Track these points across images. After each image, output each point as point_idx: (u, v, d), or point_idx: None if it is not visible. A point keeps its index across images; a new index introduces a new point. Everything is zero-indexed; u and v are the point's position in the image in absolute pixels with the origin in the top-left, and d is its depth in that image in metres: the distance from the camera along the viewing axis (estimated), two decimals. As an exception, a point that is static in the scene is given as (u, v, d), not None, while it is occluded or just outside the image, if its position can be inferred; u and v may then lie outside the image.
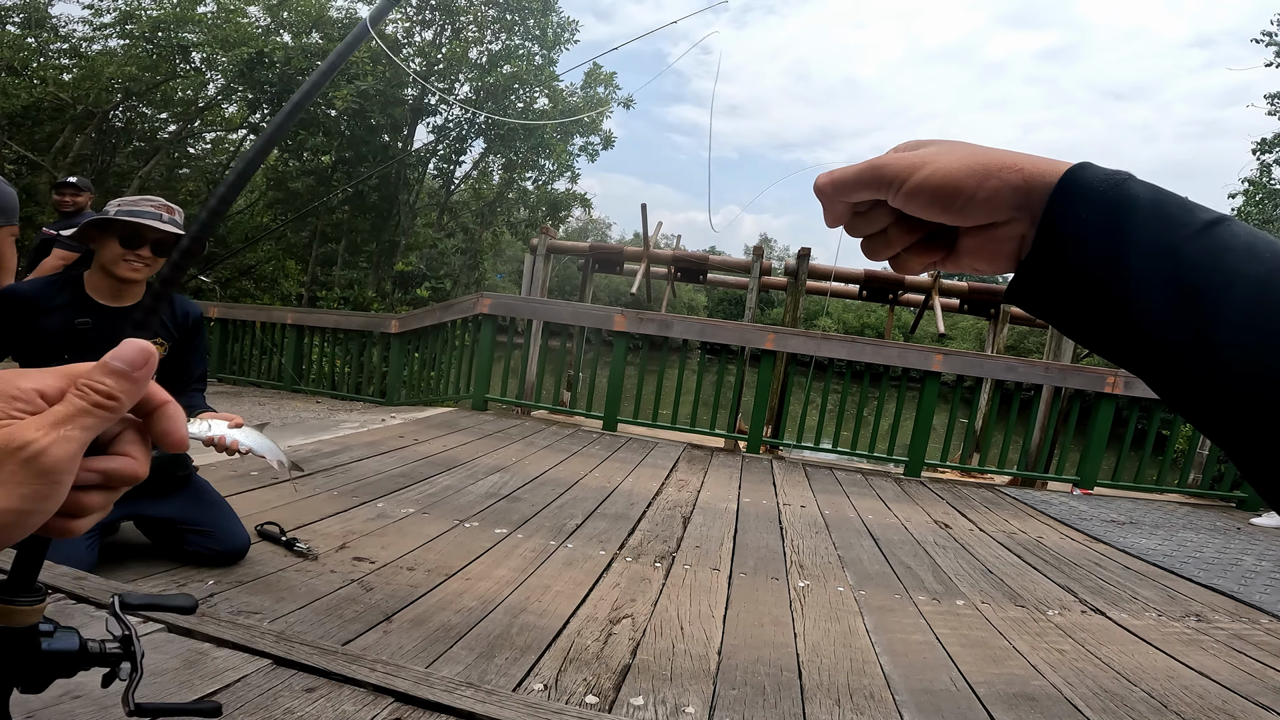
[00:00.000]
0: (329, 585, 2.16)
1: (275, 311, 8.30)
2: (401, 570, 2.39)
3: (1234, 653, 2.34)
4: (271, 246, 16.41)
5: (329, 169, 15.68)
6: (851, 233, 0.47)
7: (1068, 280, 0.37)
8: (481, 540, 2.77)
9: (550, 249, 10.09)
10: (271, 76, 14.38)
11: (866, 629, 2.31)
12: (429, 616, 2.05)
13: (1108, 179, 0.36)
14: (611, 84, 18.45)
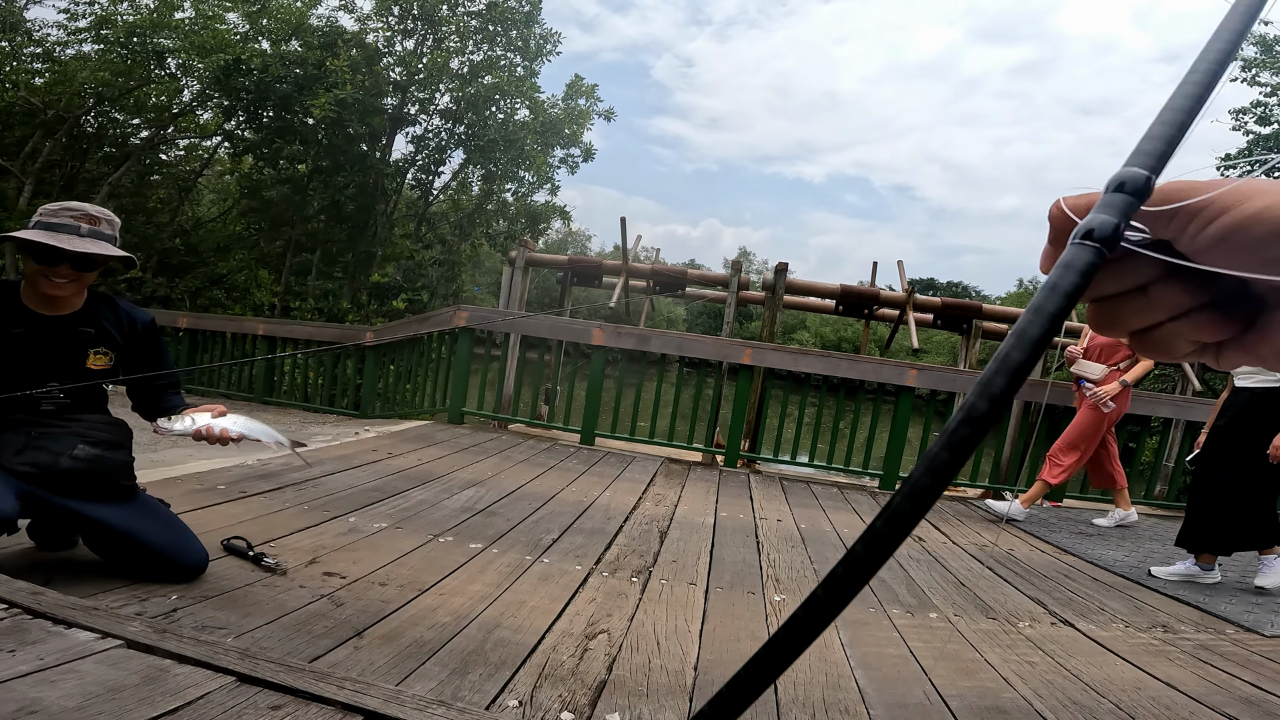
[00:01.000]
0: (298, 600, 2.12)
1: (247, 322, 8.17)
2: (373, 585, 2.34)
3: (1200, 663, 2.38)
4: (244, 255, 16.18)
5: (305, 178, 15.54)
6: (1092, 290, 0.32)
7: None
8: (456, 555, 2.74)
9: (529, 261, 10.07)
10: (248, 84, 14.25)
11: (842, 643, 2.31)
12: (401, 632, 2.01)
13: None
14: (593, 96, 18.55)
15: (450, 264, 18.65)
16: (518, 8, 17.11)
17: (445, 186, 18.81)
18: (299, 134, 14.98)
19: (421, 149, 17.35)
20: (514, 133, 16.66)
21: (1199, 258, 0.30)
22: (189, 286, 14.75)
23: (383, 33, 16.34)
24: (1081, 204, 0.31)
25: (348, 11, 16.72)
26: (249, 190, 16.22)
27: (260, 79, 14.11)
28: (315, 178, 15.40)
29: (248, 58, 13.94)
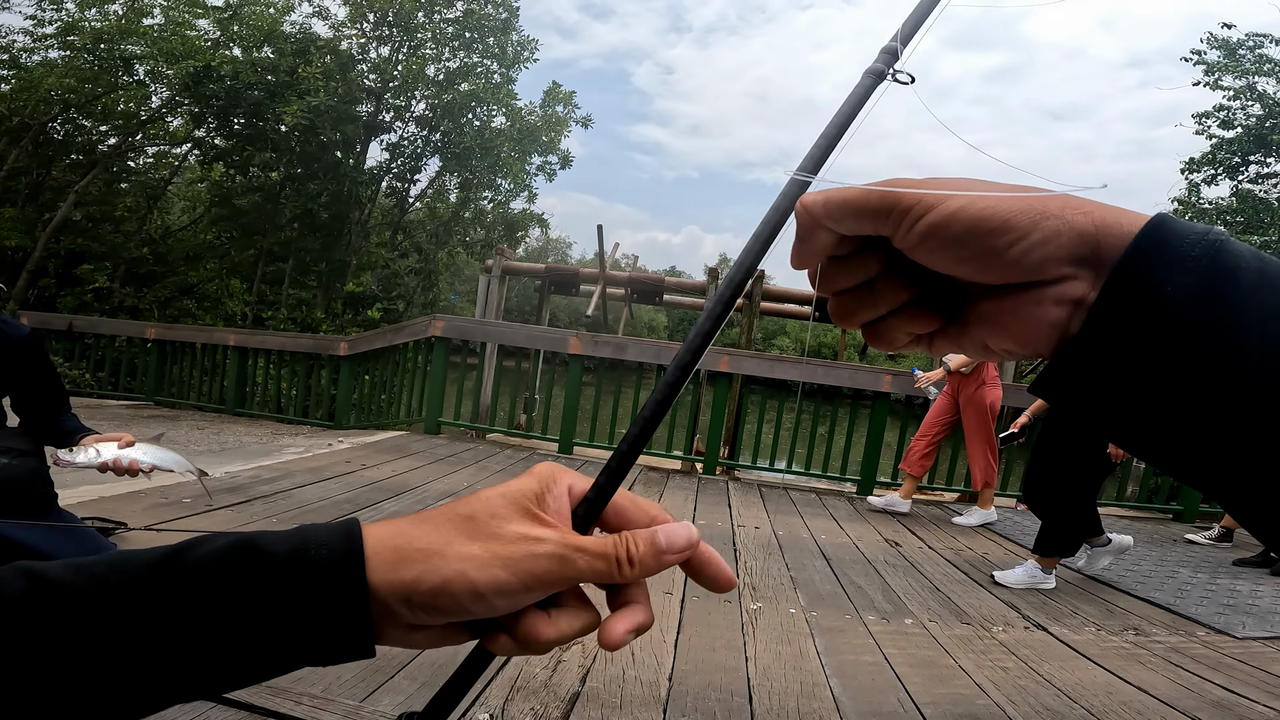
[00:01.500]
0: None
1: (217, 333, 8.03)
2: None
3: (1172, 666, 2.41)
4: (215, 265, 15.92)
5: (277, 186, 15.34)
6: (823, 283, 0.36)
7: (1151, 366, 0.27)
8: None
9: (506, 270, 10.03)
10: (219, 90, 14.05)
11: (817, 651, 2.31)
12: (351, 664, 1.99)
13: (1202, 237, 0.28)
14: (571, 103, 18.56)
15: (427, 273, 18.51)
16: (495, 14, 17.09)
17: (421, 194, 18.68)
18: (271, 141, 14.79)
19: (397, 156, 17.22)
20: (491, 140, 16.62)
21: (911, 254, 0.32)
22: (158, 296, 14.47)
23: (356, 39, 16.21)
24: (833, 198, 0.34)
25: (321, 18, 16.59)
26: (220, 198, 15.96)
27: (231, 86, 13.93)
28: (288, 185, 15.21)
29: (218, 64, 13.75)
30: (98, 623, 0.31)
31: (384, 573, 0.33)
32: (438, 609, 0.33)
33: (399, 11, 15.69)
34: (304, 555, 0.33)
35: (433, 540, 0.34)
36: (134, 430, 1.91)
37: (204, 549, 0.33)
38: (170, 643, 0.32)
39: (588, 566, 0.35)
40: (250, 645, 0.32)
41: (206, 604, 0.32)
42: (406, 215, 18.85)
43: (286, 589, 0.32)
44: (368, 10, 16.13)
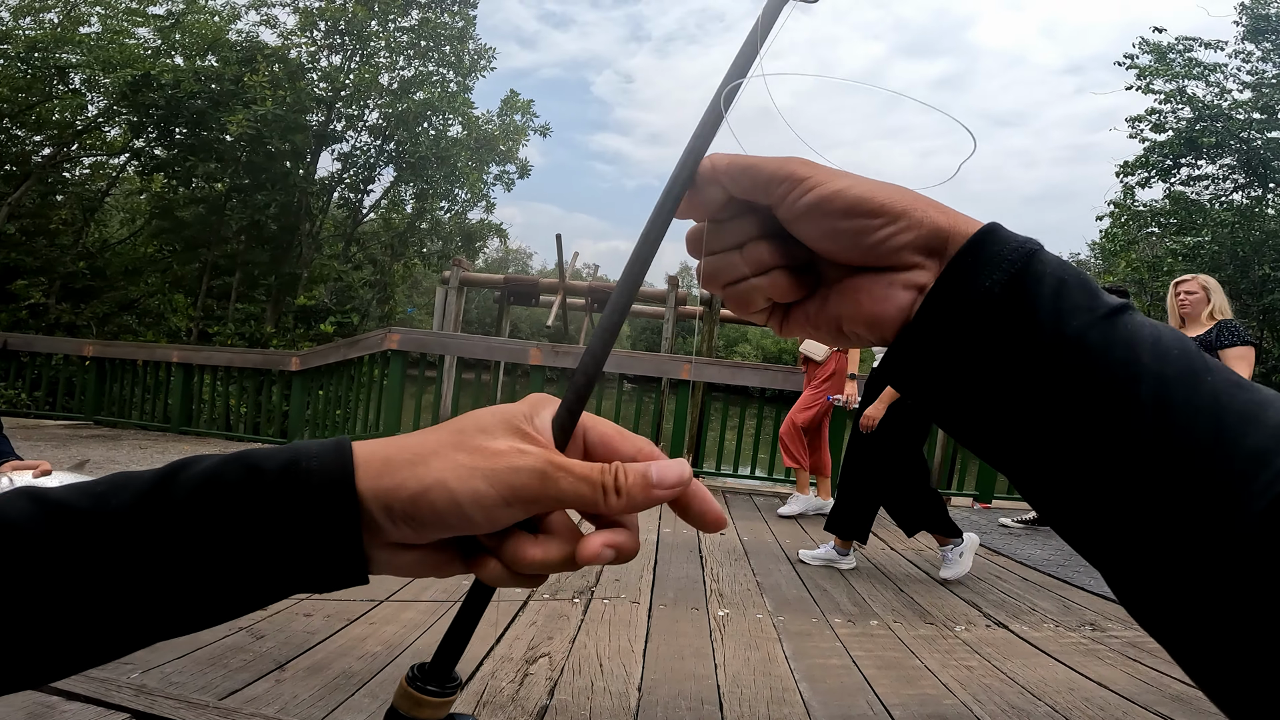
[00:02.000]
0: (212, 634, 2.03)
1: (159, 349, 7.74)
2: (297, 616, 2.26)
3: (1129, 661, 2.46)
4: (157, 279, 15.34)
5: (222, 197, 14.87)
6: (703, 245, 0.38)
7: (956, 354, 0.32)
8: (388, 583, 2.65)
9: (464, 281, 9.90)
10: (158, 99, 13.60)
11: (786, 656, 2.30)
12: (327, 663, 1.94)
13: (1019, 245, 0.32)
14: (529, 112, 18.45)
15: (382, 285, 18.14)
16: (451, 23, 16.93)
17: (375, 205, 18.33)
18: (215, 151, 14.35)
19: (349, 166, 16.87)
20: (447, 149, 16.39)
21: (790, 224, 0.36)
22: (96, 312, 13.87)
23: (306, 48, 15.88)
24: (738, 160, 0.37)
25: (269, 26, 16.20)
26: (161, 210, 15.35)
27: (172, 95, 13.49)
28: (233, 197, 14.75)
29: (158, 73, 13.31)
30: (101, 546, 0.31)
31: (370, 480, 0.33)
32: (416, 520, 0.33)
33: (351, 20, 15.42)
34: (295, 467, 0.33)
35: (419, 450, 0.34)
36: (72, 450, 1.82)
37: (199, 465, 0.33)
38: (168, 565, 0.31)
39: (570, 488, 0.33)
40: (245, 564, 0.32)
41: (201, 520, 0.32)
42: (360, 226, 18.46)
43: (278, 500, 0.32)
44: (318, 19, 15.82)
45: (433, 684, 0.39)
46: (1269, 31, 12.47)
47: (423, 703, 0.39)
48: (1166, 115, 13.60)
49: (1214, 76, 13.14)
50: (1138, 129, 13.96)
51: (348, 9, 15.33)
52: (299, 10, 15.93)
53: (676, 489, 0.36)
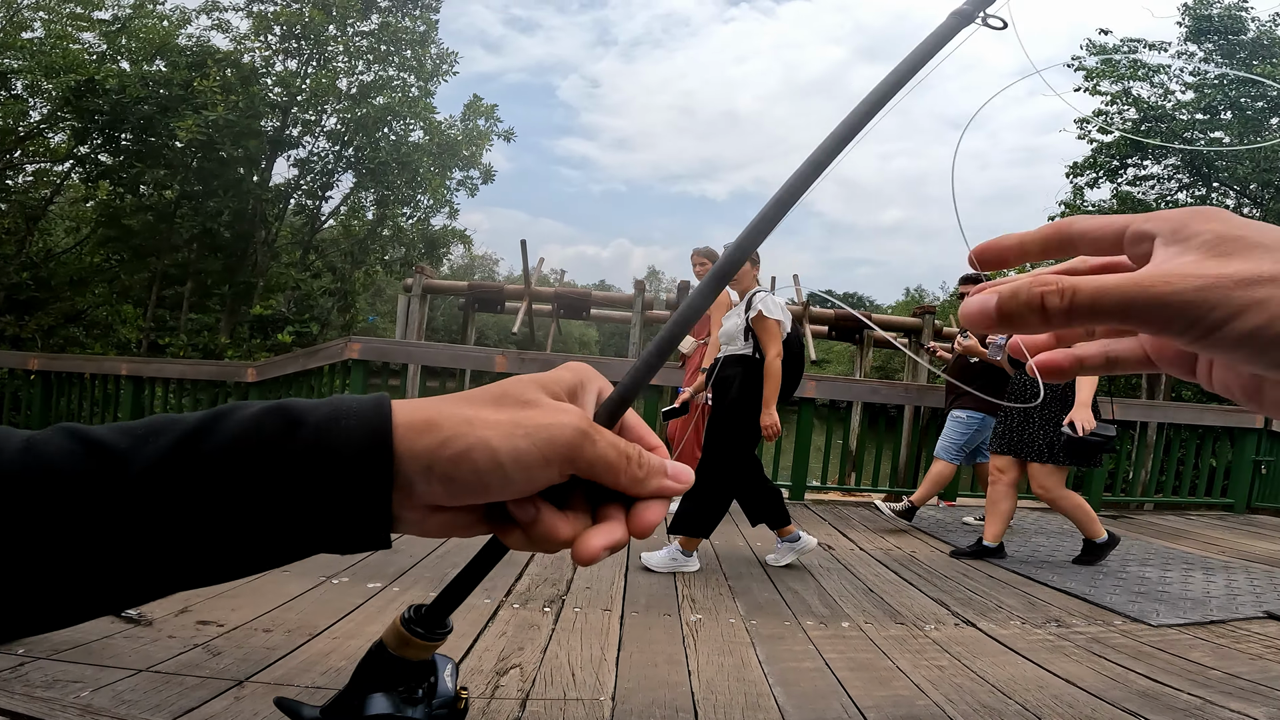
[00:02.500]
0: (166, 651, 1.97)
1: (108, 362, 7.47)
2: (256, 632, 2.19)
3: (1094, 657, 2.49)
4: (105, 289, 14.80)
5: (171, 204, 14.42)
6: None
7: None
8: (352, 596, 2.59)
9: (426, 288, 9.76)
10: (103, 105, 13.15)
11: (759, 660, 2.29)
12: (290, 679, 1.89)
13: None
14: (492, 116, 18.28)
15: (343, 293, 17.76)
16: (413, 27, 16.71)
17: (335, 211, 17.96)
18: (164, 157, 13.92)
19: (306, 172, 16.51)
20: (408, 154, 16.15)
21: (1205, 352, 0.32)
22: (41, 324, 13.32)
23: (260, 52, 15.51)
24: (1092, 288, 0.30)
25: (221, 31, 15.81)
26: (107, 218, 14.82)
27: (117, 100, 13.06)
28: (183, 204, 14.32)
29: (102, 78, 12.88)
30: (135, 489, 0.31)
31: (411, 439, 0.33)
32: (457, 480, 0.33)
33: (308, 24, 15.12)
34: (334, 424, 0.33)
35: (462, 410, 0.34)
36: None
37: (239, 414, 0.33)
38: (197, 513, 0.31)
39: (602, 451, 0.35)
40: (274, 519, 0.32)
41: (235, 472, 0.32)
42: (319, 233, 18.08)
43: (313, 458, 0.32)
44: (273, 23, 15.48)
45: (421, 627, 0.41)
46: (1210, 32, 12.82)
47: (409, 643, 0.41)
48: (1113, 116, 13.91)
49: (1158, 78, 13.48)
50: (1085, 130, 14.24)
51: (304, 14, 15.04)
52: (253, 15, 15.58)
53: (680, 487, 0.38)
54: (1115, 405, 6.20)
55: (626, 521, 0.37)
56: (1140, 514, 6.29)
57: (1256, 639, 2.75)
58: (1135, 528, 5.38)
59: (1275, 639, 2.76)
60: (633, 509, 0.37)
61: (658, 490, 0.37)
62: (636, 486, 0.36)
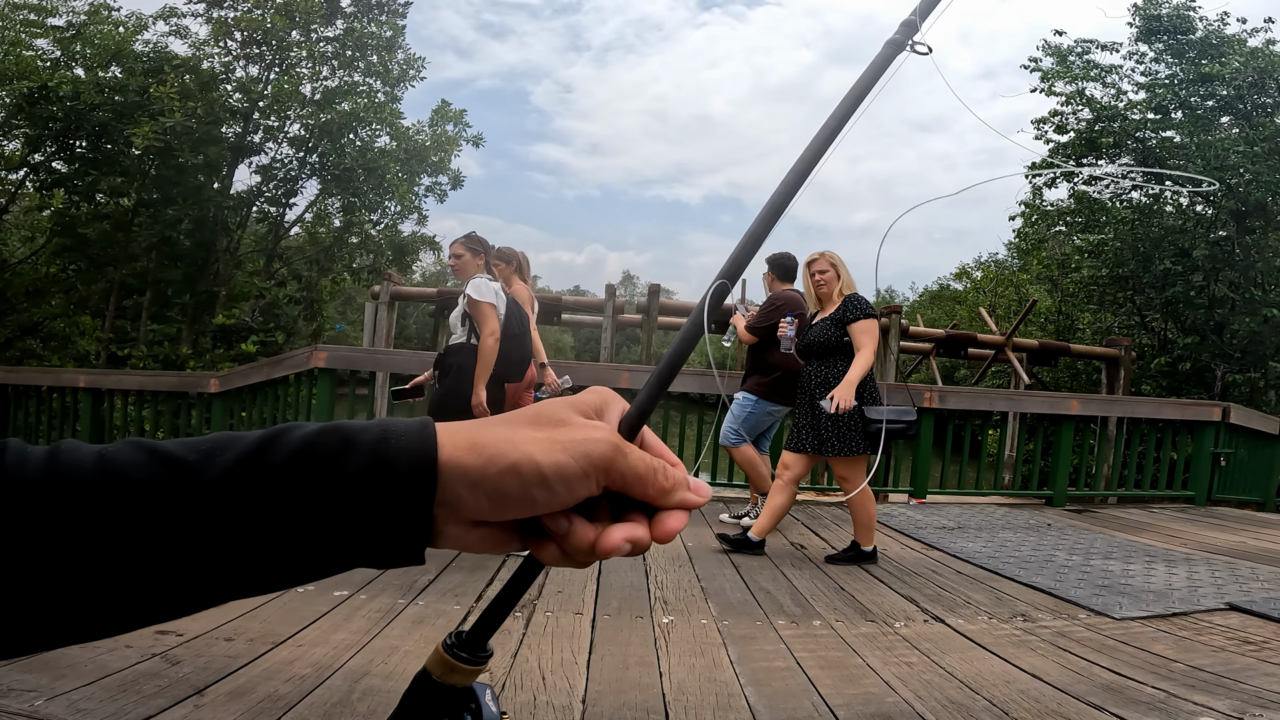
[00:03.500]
0: (122, 661, 1.93)
1: (65, 374, 7.24)
2: (217, 641, 2.15)
3: (1060, 651, 2.52)
4: (62, 300, 14.38)
5: (129, 213, 14.05)
6: None
7: None
8: (317, 604, 2.55)
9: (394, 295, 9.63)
10: (57, 112, 12.79)
11: (731, 660, 2.28)
12: (252, 687, 1.85)
13: None
14: (461, 121, 18.10)
15: (309, 302, 17.45)
16: (378, 32, 16.51)
17: (299, 219, 17.64)
18: (120, 165, 13.56)
19: (269, 179, 16.19)
20: (374, 160, 15.91)
21: None
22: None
23: (220, 58, 15.21)
24: None
25: (180, 37, 15.48)
26: (63, 227, 14.37)
27: (71, 107, 12.70)
28: (141, 212, 13.95)
29: (56, 84, 12.52)
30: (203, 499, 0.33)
31: (459, 457, 0.35)
32: (503, 494, 0.36)
33: (270, 30, 14.86)
34: (385, 444, 0.35)
35: (503, 430, 0.37)
36: None
37: (297, 433, 0.36)
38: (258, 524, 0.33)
39: (634, 463, 0.38)
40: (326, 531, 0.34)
41: (296, 485, 0.34)
42: (283, 241, 17.74)
43: (368, 474, 0.34)
44: (234, 29, 15.19)
45: (466, 651, 0.42)
46: (1160, 32, 13.03)
47: (455, 669, 0.42)
48: (1068, 117, 14.09)
49: (1110, 78, 13.71)
50: (1043, 131, 14.42)
51: (265, 19, 14.78)
52: (212, 20, 15.29)
53: (700, 502, 0.41)
54: (1076, 401, 6.36)
55: (650, 527, 0.39)
56: (1104, 508, 6.43)
57: (1219, 630, 2.80)
58: (1099, 521, 5.50)
59: (1237, 630, 2.80)
60: (655, 517, 0.39)
61: (681, 502, 0.40)
62: (663, 498, 0.39)
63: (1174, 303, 13.31)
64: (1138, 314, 14.53)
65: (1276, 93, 12.33)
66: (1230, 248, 12.72)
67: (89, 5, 14.70)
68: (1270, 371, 11.55)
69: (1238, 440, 6.81)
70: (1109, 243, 13.90)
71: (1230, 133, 12.75)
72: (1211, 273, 12.74)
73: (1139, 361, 12.79)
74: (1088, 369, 14.12)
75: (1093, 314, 15.86)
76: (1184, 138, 13.01)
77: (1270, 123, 12.04)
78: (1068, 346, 10.97)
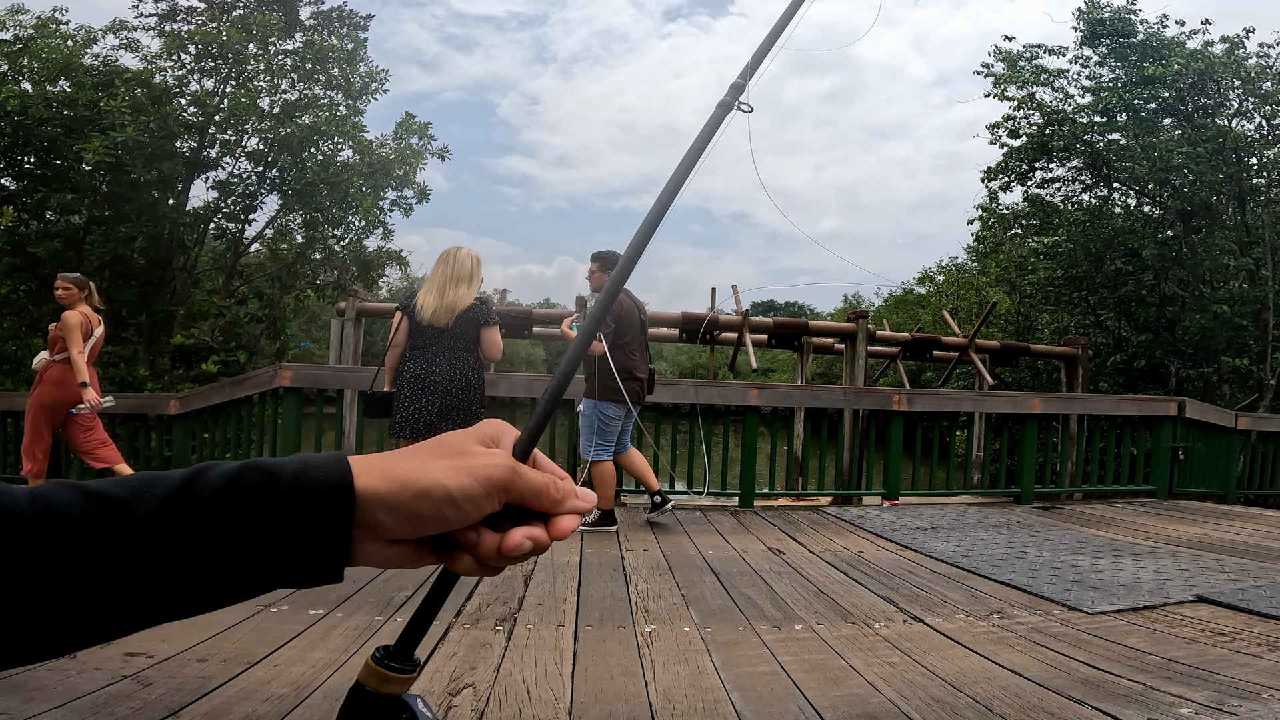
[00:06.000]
0: (92, 684, 1.88)
1: (18, 398, 6.95)
2: (190, 662, 2.09)
3: (1037, 647, 2.55)
4: (13, 322, 13.85)
5: (80, 230, 13.59)
6: None
7: None
8: (292, 624, 2.49)
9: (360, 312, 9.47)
10: (4, 127, 12.37)
11: (715, 666, 2.28)
12: (228, 708, 1.80)
13: None
14: (426, 134, 17.89)
15: (272, 320, 17.06)
16: (339, 45, 16.29)
17: (260, 235, 17.25)
18: (70, 181, 13.13)
19: (227, 195, 15.83)
20: (337, 174, 15.63)
21: None
22: (-64, 364, 12.35)
23: (174, 71, 14.86)
24: None
25: (130, 50, 15.09)
26: (12, 246, 13.85)
27: (19, 122, 12.30)
28: (94, 230, 13.51)
29: (3, 99, 12.12)
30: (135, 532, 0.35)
31: (374, 484, 0.40)
32: (418, 515, 0.41)
33: (225, 43, 14.57)
34: (305, 476, 0.39)
35: (413, 459, 0.42)
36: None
37: (220, 469, 0.39)
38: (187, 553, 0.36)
39: (529, 481, 0.44)
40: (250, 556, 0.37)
41: (222, 516, 0.37)
42: (243, 258, 17.34)
43: (290, 504, 0.38)
44: (187, 42, 14.87)
45: (396, 661, 0.45)
46: (1103, 36, 13.37)
47: (389, 679, 0.45)
48: (1020, 121, 14.37)
49: (1058, 82, 14.03)
50: (997, 135, 14.69)
51: (221, 32, 14.50)
52: (165, 34, 14.94)
53: (588, 509, 0.48)
54: (1037, 400, 6.51)
55: (547, 529, 0.45)
56: (1070, 504, 6.58)
57: (1190, 622, 2.85)
58: (1066, 517, 5.62)
59: (1207, 622, 2.86)
60: (551, 521, 0.46)
61: (571, 509, 0.46)
62: (555, 507, 0.46)
63: (1126, 301, 13.71)
64: (1092, 313, 14.93)
65: (1216, 94, 12.74)
66: (1178, 247, 13.12)
67: (36, 19, 14.29)
68: (1223, 366, 11.95)
69: (1195, 434, 7.02)
70: (1062, 244, 14.25)
71: (1173, 134, 13.09)
72: (1161, 271, 13.13)
73: (1095, 360, 13.16)
74: (1047, 368, 14.47)
75: (1050, 314, 16.27)
76: (1129, 140, 13.32)
77: (1211, 124, 12.39)
78: (1028, 346, 11.24)
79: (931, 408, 6.57)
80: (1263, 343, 12.17)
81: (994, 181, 15.18)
